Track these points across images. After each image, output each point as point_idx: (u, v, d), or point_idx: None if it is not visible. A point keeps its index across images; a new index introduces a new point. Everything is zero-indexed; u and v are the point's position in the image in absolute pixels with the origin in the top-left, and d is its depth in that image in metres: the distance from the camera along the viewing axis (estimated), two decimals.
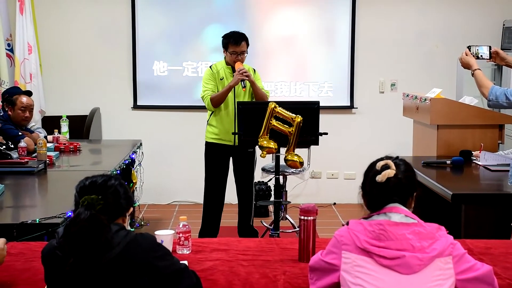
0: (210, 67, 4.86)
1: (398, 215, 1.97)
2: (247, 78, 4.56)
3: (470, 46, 3.73)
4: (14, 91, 5.13)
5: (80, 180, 2.00)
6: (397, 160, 2.05)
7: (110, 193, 1.95)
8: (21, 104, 4.90)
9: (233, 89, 4.68)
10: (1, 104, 5.15)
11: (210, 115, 4.83)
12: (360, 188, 2.09)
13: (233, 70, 4.71)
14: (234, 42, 4.69)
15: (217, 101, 4.67)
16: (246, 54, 4.74)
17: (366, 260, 1.91)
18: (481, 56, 3.72)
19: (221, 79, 4.72)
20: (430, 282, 1.88)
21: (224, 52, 4.77)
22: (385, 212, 1.98)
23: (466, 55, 3.69)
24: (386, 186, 1.99)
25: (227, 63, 4.77)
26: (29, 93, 5.14)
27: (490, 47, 3.74)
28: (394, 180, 1.99)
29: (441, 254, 1.91)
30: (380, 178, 1.98)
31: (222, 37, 4.79)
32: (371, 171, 2.03)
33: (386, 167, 2.00)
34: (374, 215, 2.00)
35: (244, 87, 4.60)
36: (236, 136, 4.61)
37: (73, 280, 1.88)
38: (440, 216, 3.62)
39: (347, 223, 2.01)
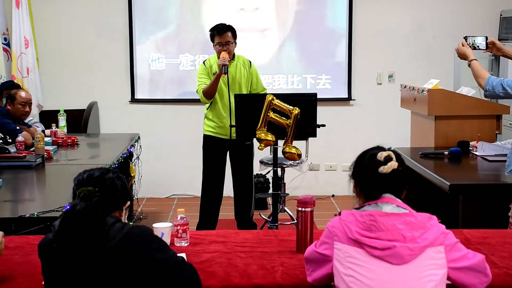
0: (204, 62, 4.85)
1: (390, 205, 1.97)
2: (227, 63, 4.51)
3: (466, 36, 3.73)
4: (3, 85, 5.23)
5: (79, 173, 2.01)
6: (392, 151, 2.05)
7: (107, 185, 1.95)
8: (21, 99, 4.91)
9: (227, 83, 4.68)
10: None
11: (207, 109, 4.84)
12: (352, 178, 2.08)
13: None
14: (218, 33, 4.67)
15: (208, 93, 4.66)
16: (233, 45, 4.71)
17: (357, 251, 1.91)
18: (478, 46, 3.72)
19: (213, 74, 4.71)
20: (422, 272, 1.88)
21: (213, 46, 4.76)
22: (376, 203, 1.98)
23: (463, 45, 3.69)
24: (390, 177, 1.97)
25: (219, 57, 4.76)
26: (17, 86, 5.21)
27: (486, 38, 3.73)
28: (397, 172, 1.98)
29: (432, 243, 1.91)
30: (385, 169, 1.97)
31: (209, 30, 4.78)
32: (372, 162, 2.00)
33: (390, 158, 1.99)
34: (366, 206, 2.00)
35: (225, 73, 4.54)
36: (233, 130, 4.62)
37: (70, 272, 1.88)
38: (438, 206, 3.64)
39: (339, 214, 2.01)
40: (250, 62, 4.87)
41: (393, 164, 1.98)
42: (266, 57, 6.44)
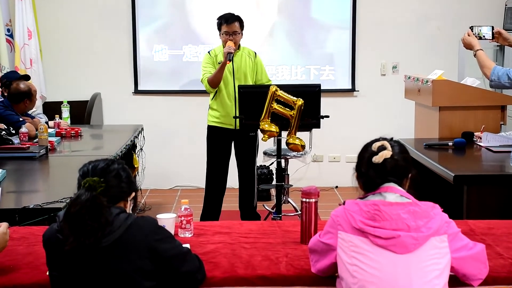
0: (209, 52, 4.85)
1: (393, 194, 1.97)
2: (232, 51, 4.51)
3: (472, 26, 3.71)
4: (12, 76, 5.15)
5: (84, 164, 2.01)
6: (391, 142, 2.05)
7: (112, 176, 1.96)
8: (35, 93, 4.95)
9: (232, 72, 4.66)
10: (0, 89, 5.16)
11: (212, 99, 4.82)
12: (355, 170, 2.08)
13: None
14: (226, 22, 4.66)
15: (213, 82, 4.65)
16: (240, 35, 4.70)
17: (362, 240, 1.91)
18: (484, 36, 3.70)
19: (219, 63, 4.69)
20: (426, 261, 1.88)
21: (219, 34, 4.75)
22: (380, 192, 1.98)
23: (469, 35, 3.67)
24: (382, 167, 1.99)
25: (224, 46, 4.74)
26: (27, 78, 5.16)
27: (492, 28, 3.71)
28: (390, 161, 1.99)
29: (436, 232, 1.91)
30: (377, 159, 1.98)
31: (216, 18, 4.77)
32: (367, 153, 2.03)
33: (382, 148, 2.00)
34: (370, 195, 2.00)
35: (230, 60, 4.54)
36: (237, 120, 4.61)
37: (74, 263, 1.88)
38: (442, 197, 3.62)
39: (344, 203, 2.01)
40: (255, 53, 4.87)
41: (385, 154, 1.98)
42: (270, 48, 6.41)
